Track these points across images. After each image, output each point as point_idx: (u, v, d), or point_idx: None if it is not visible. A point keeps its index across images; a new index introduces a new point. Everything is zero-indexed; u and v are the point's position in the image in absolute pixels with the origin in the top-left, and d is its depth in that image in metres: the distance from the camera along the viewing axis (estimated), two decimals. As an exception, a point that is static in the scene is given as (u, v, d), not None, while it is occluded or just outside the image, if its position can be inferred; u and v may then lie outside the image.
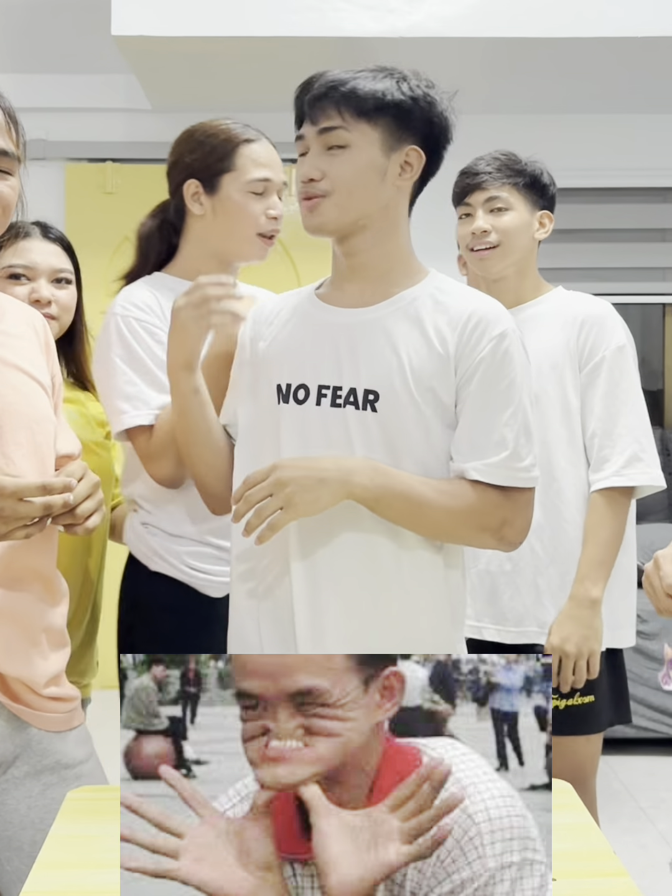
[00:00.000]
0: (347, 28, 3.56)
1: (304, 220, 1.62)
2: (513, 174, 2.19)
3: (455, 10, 3.57)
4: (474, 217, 2.19)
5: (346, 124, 1.57)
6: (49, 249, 2.04)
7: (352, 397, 1.58)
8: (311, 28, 3.55)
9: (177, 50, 3.66)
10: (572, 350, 2.12)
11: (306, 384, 1.62)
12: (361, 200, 1.60)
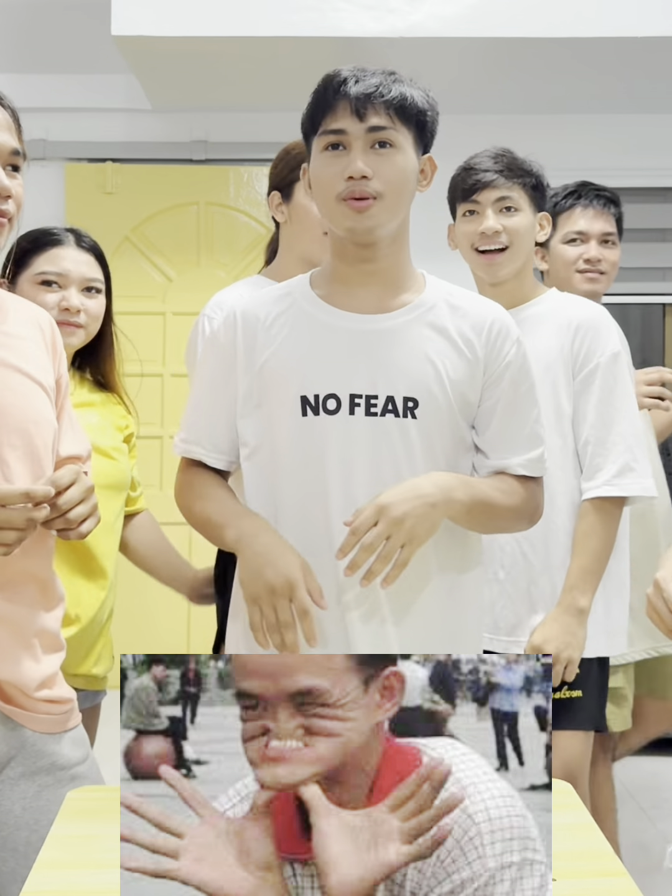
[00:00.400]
0: (347, 28, 3.56)
1: (349, 220, 1.57)
2: (522, 174, 2.14)
3: (455, 10, 3.57)
4: (482, 216, 2.13)
5: (395, 126, 1.58)
6: (82, 258, 2.07)
7: (390, 405, 1.59)
8: (311, 28, 3.55)
9: (177, 50, 3.66)
10: (566, 356, 2.09)
11: (336, 393, 1.59)
12: (405, 205, 1.62)
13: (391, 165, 1.57)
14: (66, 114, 4.24)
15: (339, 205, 1.57)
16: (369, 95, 1.57)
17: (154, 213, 4.30)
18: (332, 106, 1.58)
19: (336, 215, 1.58)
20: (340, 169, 1.56)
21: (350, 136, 1.57)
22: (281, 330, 1.64)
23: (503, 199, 2.12)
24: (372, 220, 1.57)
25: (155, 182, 4.32)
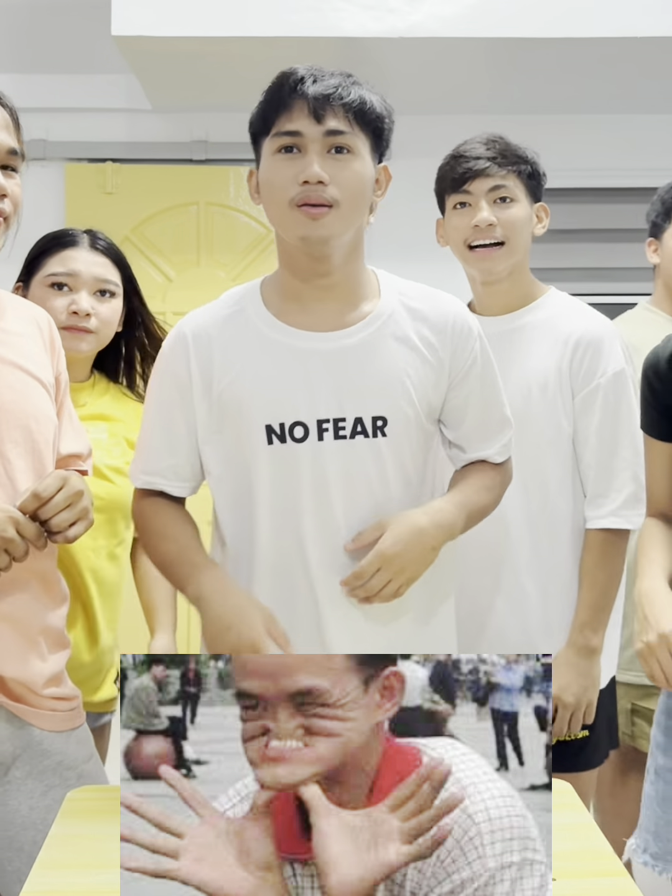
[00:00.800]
0: (347, 28, 3.56)
1: (302, 228, 1.49)
2: (517, 161, 1.97)
3: (455, 10, 3.57)
4: (476, 208, 1.95)
5: (353, 130, 1.50)
6: (94, 260, 1.98)
7: (359, 426, 1.54)
8: (311, 28, 3.54)
9: (177, 50, 3.66)
10: (564, 373, 1.93)
11: (302, 421, 1.53)
12: (361, 214, 1.54)
13: (349, 171, 1.49)
14: (66, 114, 4.23)
15: (291, 211, 1.48)
16: (328, 97, 1.48)
17: (154, 213, 4.30)
18: (288, 105, 1.49)
19: (288, 223, 1.50)
20: (294, 173, 1.47)
21: (306, 139, 1.48)
22: (238, 354, 1.55)
23: (497, 188, 1.95)
24: (327, 230, 1.48)
25: (155, 182, 4.31)
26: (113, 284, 1.98)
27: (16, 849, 1.47)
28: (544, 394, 1.93)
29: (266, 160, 1.52)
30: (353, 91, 1.50)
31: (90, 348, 1.98)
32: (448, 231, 2.02)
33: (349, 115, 1.49)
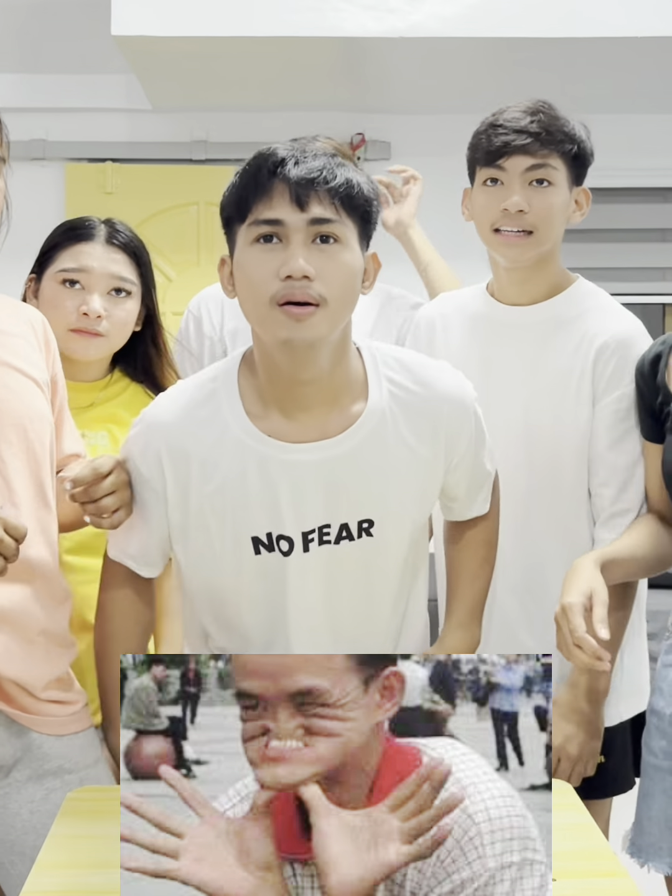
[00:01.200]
0: (347, 28, 3.56)
1: (285, 330, 1.33)
2: (563, 138, 1.71)
3: (455, 10, 3.57)
4: (508, 188, 1.72)
5: (340, 218, 1.35)
6: (110, 255, 1.81)
7: (344, 532, 1.46)
8: (311, 28, 3.54)
9: (177, 50, 3.66)
10: (586, 379, 1.73)
11: (288, 535, 1.45)
12: (349, 311, 1.40)
13: (336, 264, 1.34)
14: (66, 114, 4.23)
15: (272, 311, 1.33)
16: (312, 181, 1.32)
17: (154, 213, 4.30)
18: (267, 190, 1.33)
19: (269, 323, 1.34)
20: (275, 266, 1.32)
21: (288, 228, 1.32)
22: (218, 466, 1.43)
23: (535, 167, 1.70)
24: (313, 331, 1.33)
25: (155, 182, 4.31)
26: (129, 283, 1.82)
27: (18, 853, 1.47)
28: (564, 397, 1.75)
29: (242, 250, 1.37)
30: (339, 173, 1.34)
31: (99, 353, 1.84)
32: (474, 208, 1.79)
33: (335, 201, 1.33)
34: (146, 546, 1.53)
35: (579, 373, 1.74)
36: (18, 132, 4.88)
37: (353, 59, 3.66)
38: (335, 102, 3.95)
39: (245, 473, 1.43)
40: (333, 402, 1.43)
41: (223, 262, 1.45)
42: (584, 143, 1.77)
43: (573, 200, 1.79)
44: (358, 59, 3.67)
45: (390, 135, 4.22)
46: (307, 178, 1.32)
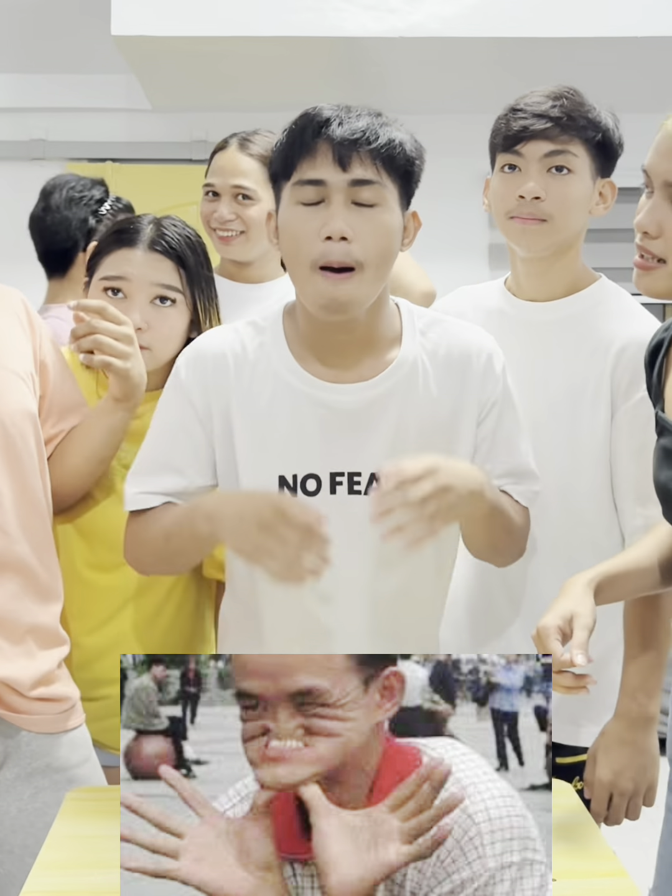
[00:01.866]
0: (347, 28, 3.56)
1: (322, 296, 1.38)
2: (586, 125, 1.65)
3: (455, 10, 3.57)
4: (525, 174, 1.65)
5: (381, 179, 1.38)
6: (152, 263, 1.70)
7: (374, 483, 1.41)
8: (311, 28, 3.54)
9: (177, 50, 3.66)
10: (605, 383, 1.66)
11: (316, 473, 1.45)
12: (388, 274, 1.43)
13: (376, 226, 1.38)
14: (66, 114, 4.23)
15: (312, 274, 1.37)
16: (355, 141, 1.36)
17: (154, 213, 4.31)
18: (311, 150, 1.37)
19: (307, 286, 1.39)
20: (317, 227, 1.37)
21: (330, 189, 1.36)
22: (255, 398, 1.47)
23: (554, 154, 1.64)
24: (349, 295, 1.38)
25: (155, 182, 4.31)
26: (173, 290, 1.70)
27: (6, 851, 1.46)
28: (580, 403, 1.68)
29: (286, 209, 1.41)
30: (382, 133, 1.37)
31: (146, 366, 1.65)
32: (492, 195, 1.73)
33: (377, 162, 1.37)
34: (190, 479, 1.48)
35: (597, 376, 1.66)
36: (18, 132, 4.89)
37: (353, 59, 3.66)
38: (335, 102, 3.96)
39: (280, 407, 1.46)
40: (368, 348, 1.48)
41: (269, 216, 1.48)
42: (611, 133, 1.69)
43: (597, 192, 1.71)
44: (358, 59, 3.67)
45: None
46: (350, 138, 1.36)
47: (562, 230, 1.67)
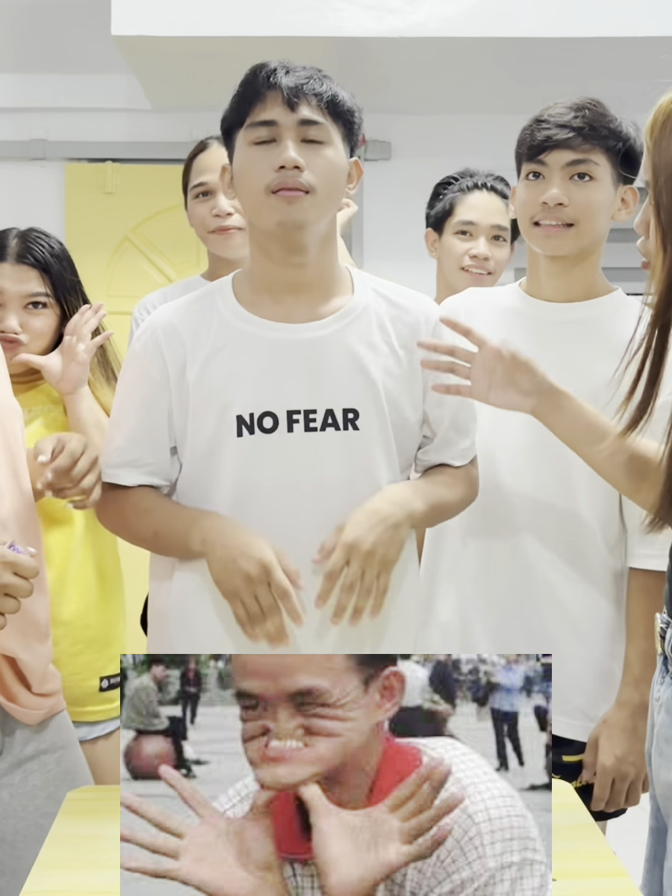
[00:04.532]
0: (347, 28, 3.56)
1: (278, 213, 1.48)
2: (608, 135, 1.71)
3: (455, 10, 3.57)
4: (548, 182, 1.72)
5: (326, 120, 1.51)
6: (20, 275, 1.95)
7: (330, 419, 1.52)
8: (311, 28, 3.54)
9: (177, 50, 3.66)
10: (615, 385, 1.50)
11: (272, 411, 1.51)
12: (335, 203, 1.55)
13: (324, 159, 1.50)
14: (66, 114, 4.23)
15: (268, 198, 1.49)
16: (301, 87, 1.49)
17: (154, 213, 4.29)
18: (262, 96, 1.50)
19: (264, 209, 1.50)
20: (270, 160, 1.49)
21: (281, 128, 1.49)
22: (206, 345, 1.54)
23: (577, 163, 1.71)
24: (303, 214, 1.49)
25: (155, 182, 4.31)
26: (43, 296, 1.96)
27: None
28: (597, 405, 1.60)
29: (241, 151, 1.54)
30: (325, 83, 1.52)
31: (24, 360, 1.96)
32: (517, 203, 1.80)
33: (322, 105, 1.50)
34: (158, 452, 1.57)
35: (608, 379, 1.53)
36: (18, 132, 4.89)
37: (352, 59, 3.66)
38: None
39: (229, 350, 1.54)
40: (319, 291, 1.56)
41: (224, 169, 1.61)
42: (633, 142, 1.73)
43: (619, 198, 1.76)
44: (358, 59, 3.66)
45: (390, 135, 4.22)
46: (296, 84, 1.50)
47: (585, 234, 1.73)
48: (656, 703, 1.47)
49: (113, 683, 1.99)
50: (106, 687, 1.97)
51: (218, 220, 2.19)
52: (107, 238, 4.13)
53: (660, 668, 1.50)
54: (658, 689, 1.48)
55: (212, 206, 2.20)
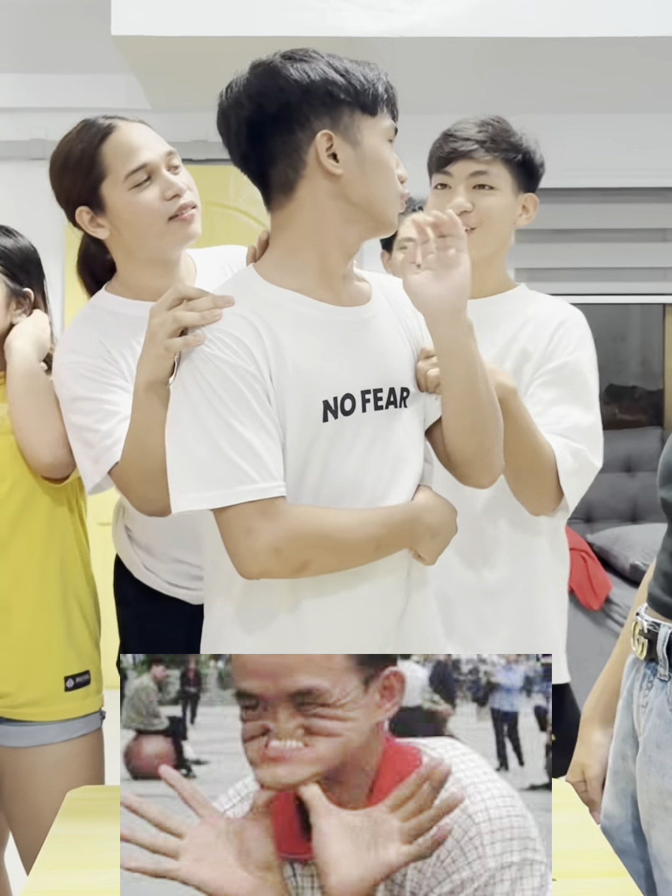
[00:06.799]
0: (347, 28, 3.56)
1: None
2: (508, 148, 1.88)
3: (455, 10, 3.57)
4: (454, 191, 1.88)
5: None
6: None
7: (392, 397, 1.53)
8: (311, 28, 3.54)
9: (177, 50, 3.66)
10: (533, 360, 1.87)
11: (350, 393, 1.49)
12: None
13: None
14: (66, 114, 4.22)
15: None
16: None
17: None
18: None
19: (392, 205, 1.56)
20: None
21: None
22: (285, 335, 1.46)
23: (479, 174, 1.87)
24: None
25: (155, 182, 4.31)
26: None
27: None
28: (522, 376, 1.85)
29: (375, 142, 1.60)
30: None
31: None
32: (428, 210, 1.92)
33: None
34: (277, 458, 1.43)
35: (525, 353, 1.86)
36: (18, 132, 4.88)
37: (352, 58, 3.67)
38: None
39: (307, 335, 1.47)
40: (352, 278, 1.56)
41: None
42: (532, 154, 1.91)
43: (520, 205, 1.93)
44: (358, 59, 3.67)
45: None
46: None
47: (489, 239, 1.89)
48: (642, 709, 1.47)
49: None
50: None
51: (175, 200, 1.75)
52: (107, 238, 4.14)
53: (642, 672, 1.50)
54: (643, 695, 1.48)
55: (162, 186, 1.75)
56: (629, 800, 1.50)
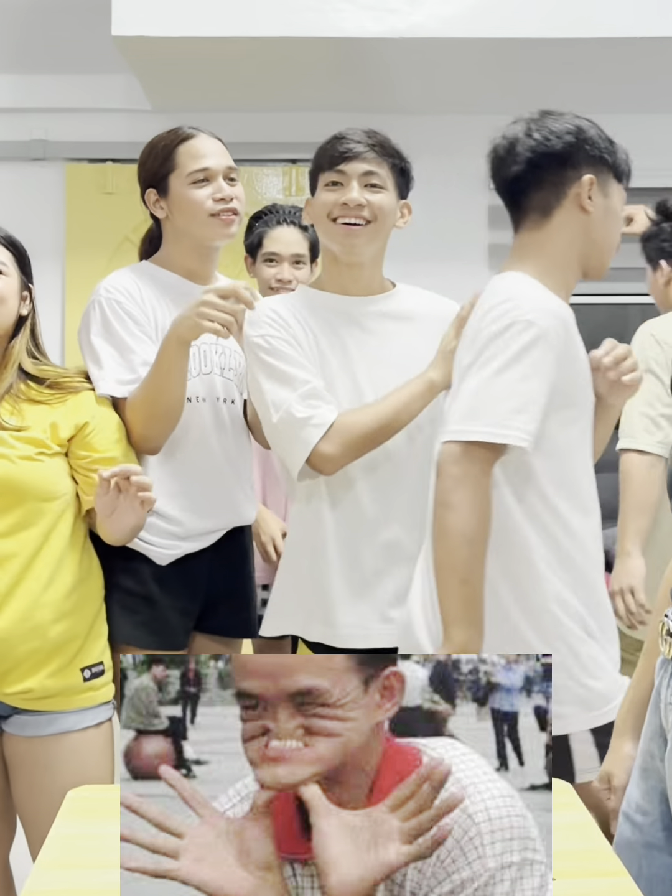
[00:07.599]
0: (347, 28, 3.56)
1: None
2: (392, 154, 2.08)
3: (455, 10, 3.57)
4: (347, 188, 2.02)
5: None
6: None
7: None
8: (311, 28, 3.54)
9: (177, 50, 3.65)
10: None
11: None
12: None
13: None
14: (66, 114, 4.23)
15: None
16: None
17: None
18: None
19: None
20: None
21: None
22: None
23: (371, 173, 2.03)
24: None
25: (155, 182, 4.31)
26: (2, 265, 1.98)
27: None
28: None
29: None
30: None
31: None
32: (316, 207, 2.08)
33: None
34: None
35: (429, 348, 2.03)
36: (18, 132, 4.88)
37: (353, 59, 3.66)
38: (335, 102, 3.94)
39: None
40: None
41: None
42: (408, 165, 2.11)
43: (398, 210, 2.10)
44: (358, 59, 3.66)
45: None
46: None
47: (378, 234, 2.05)
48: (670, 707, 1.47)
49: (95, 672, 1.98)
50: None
51: (222, 203, 2.13)
52: (107, 238, 4.12)
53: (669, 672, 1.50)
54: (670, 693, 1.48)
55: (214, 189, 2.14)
56: (660, 797, 1.50)
